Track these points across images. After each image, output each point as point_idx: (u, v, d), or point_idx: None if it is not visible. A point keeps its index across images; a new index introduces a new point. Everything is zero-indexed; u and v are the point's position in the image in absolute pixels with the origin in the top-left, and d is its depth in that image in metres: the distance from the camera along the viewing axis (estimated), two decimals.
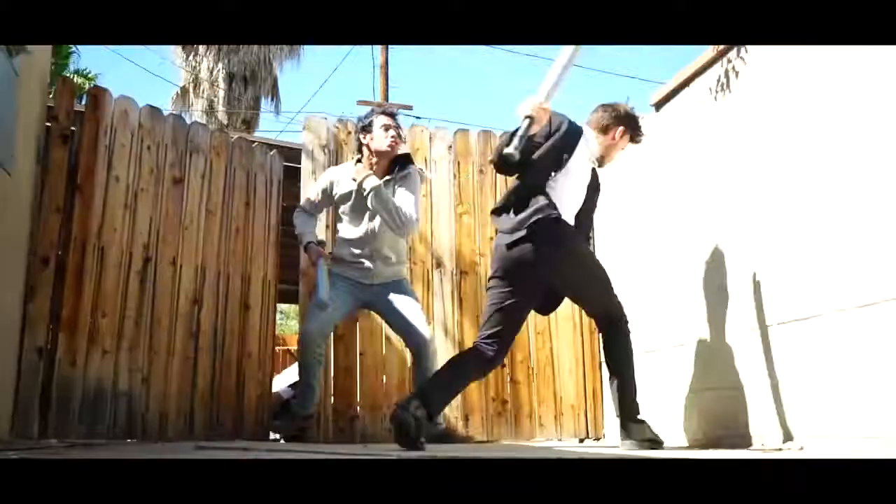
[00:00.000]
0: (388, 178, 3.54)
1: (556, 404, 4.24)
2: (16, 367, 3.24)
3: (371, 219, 3.55)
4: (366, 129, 3.59)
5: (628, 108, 3.18)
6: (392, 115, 3.66)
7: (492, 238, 4.32)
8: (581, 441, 4.18)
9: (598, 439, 4.19)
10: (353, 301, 3.63)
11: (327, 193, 3.69)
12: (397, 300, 3.60)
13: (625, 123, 3.13)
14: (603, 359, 3.43)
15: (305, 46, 16.05)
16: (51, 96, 3.78)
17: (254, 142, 4.55)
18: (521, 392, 4.22)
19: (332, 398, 4.03)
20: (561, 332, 4.32)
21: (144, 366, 3.66)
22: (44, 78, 3.69)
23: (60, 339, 3.42)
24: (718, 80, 3.31)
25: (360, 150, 3.66)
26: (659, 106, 3.85)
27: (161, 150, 3.91)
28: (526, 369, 4.25)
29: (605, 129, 3.12)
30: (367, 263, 3.57)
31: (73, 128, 3.65)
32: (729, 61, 3.23)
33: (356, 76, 66.46)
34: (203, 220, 4.02)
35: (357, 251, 3.58)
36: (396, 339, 4.11)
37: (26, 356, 3.31)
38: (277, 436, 4.10)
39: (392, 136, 3.54)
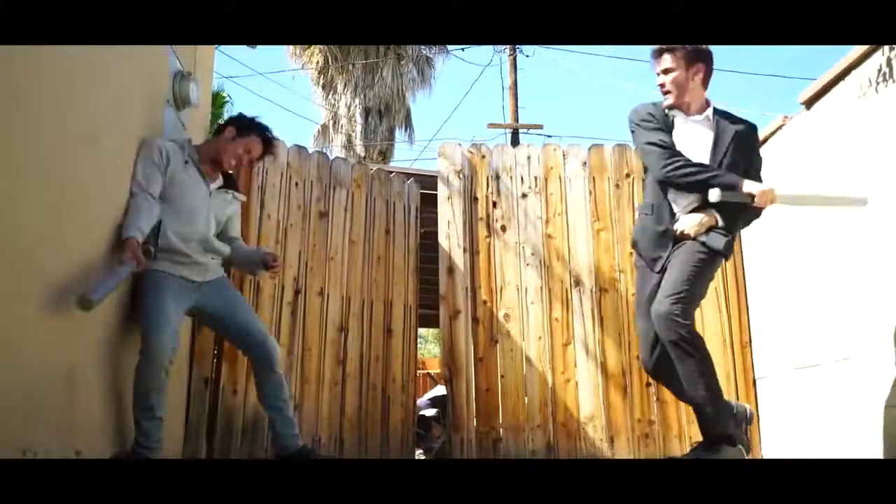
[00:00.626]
0: (222, 188, 3.12)
1: None
2: (186, 396, 3.54)
3: (207, 207, 3.03)
4: (239, 131, 3.10)
5: None
6: (266, 139, 3.18)
7: (632, 253, 4.25)
8: None
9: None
10: (186, 305, 2.97)
11: (161, 170, 2.88)
12: (234, 300, 3.13)
13: None
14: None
15: (436, 77, 16.48)
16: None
17: (391, 172, 4.74)
18: (668, 412, 4.08)
19: (475, 420, 4.07)
20: (709, 348, 4.12)
21: (297, 393, 3.88)
22: (205, 127, 4.04)
23: (223, 370, 3.70)
24: (879, 70, 3.07)
25: (218, 132, 3.17)
26: (810, 104, 3.63)
27: (307, 187, 4.16)
28: None
29: None
30: (201, 258, 2.99)
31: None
32: (891, 48, 3.00)
33: (485, 100, 67.25)
34: (347, 251, 4.22)
35: (191, 243, 2.95)
36: (537, 360, 4.11)
37: (194, 386, 3.61)
38: (421, 451, 4.20)
39: (248, 160, 3.15)
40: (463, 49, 14.54)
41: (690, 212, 2.78)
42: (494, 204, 4.36)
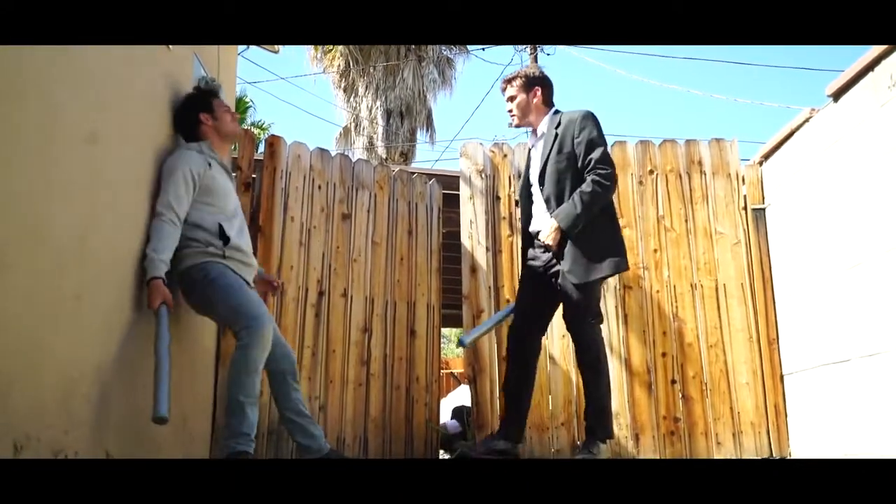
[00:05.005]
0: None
1: (734, 421, 4.02)
2: (212, 398, 3.58)
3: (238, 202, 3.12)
4: (205, 108, 3.07)
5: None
6: (214, 91, 3.19)
7: (656, 250, 4.23)
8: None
9: (783, 458, 3.92)
10: None
11: (192, 190, 2.86)
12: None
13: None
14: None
15: (457, 77, 16.52)
16: (233, 148, 4.18)
17: (413, 173, 4.76)
18: (694, 409, 4.05)
19: (498, 420, 4.07)
20: (735, 344, 4.11)
21: (321, 394, 3.91)
22: (228, 152, 4.09)
23: None
24: None
25: (194, 133, 3.04)
26: (838, 96, 3.57)
27: (330, 189, 4.20)
28: (699, 384, 4.07)
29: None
30: (251, 260, 3.05)
31: (253, 175, 4.02)
32: None
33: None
34: (370, 252, 4.25)
35: (243, 241, 3.00)
36: (561, 359, 4.10)
37: (220, 388, 3.64)
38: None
39: (236, 119, 3.21)
40: (483, 49, 14.55)
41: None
42: (517, 203, 4.35)
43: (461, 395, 5.79)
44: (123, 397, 2.49)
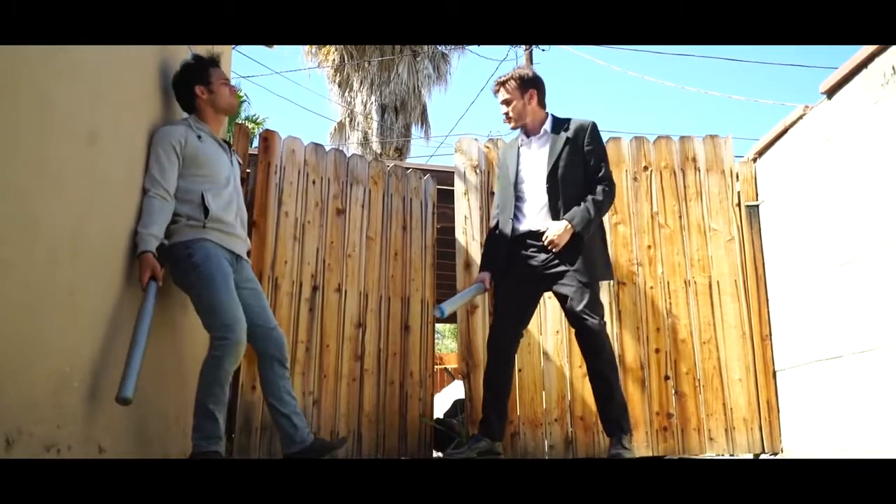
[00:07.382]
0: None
1: (727, 417, 4.03)
2: None
3: (234, 177, 3.07)
4: (201, 80, 3.00)
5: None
6: (211, 60, 3.08)
7: (649, 246, 4.24)
8: (756, 457, 3.95)
9: (775, 454, 3.94)
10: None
11: (178, 161, 2.82)
12: (256, 284, 3.04)
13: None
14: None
15: (452, 72, 16.48)
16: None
17: (408, 168, 4.76)
18: (687, 405, 4.06)
19: None
20: (728, 341, 4.12)
21: (315, 388, 3.91)
22: (224, 127, 4.07)
23: (242, 366, 3.73)
24: None
25: (189, 106, 3.02)
26: (832, 93, 3.57)
27: (324, 184, 4.19)
28: (692, 380, 4.09)
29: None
30: (239, 230, 2.99)
31: (248, 170, 4.01)
32: None
33: None
34: (364, 248, 4.25)
35: (230, 213, 2.94)
36: (555, 355, 4.11)
37: None
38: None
39: (234, 92, 3.17)
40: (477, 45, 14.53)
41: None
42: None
43: (455, 391, 5.79)
44: (116, 392, 2.48)
